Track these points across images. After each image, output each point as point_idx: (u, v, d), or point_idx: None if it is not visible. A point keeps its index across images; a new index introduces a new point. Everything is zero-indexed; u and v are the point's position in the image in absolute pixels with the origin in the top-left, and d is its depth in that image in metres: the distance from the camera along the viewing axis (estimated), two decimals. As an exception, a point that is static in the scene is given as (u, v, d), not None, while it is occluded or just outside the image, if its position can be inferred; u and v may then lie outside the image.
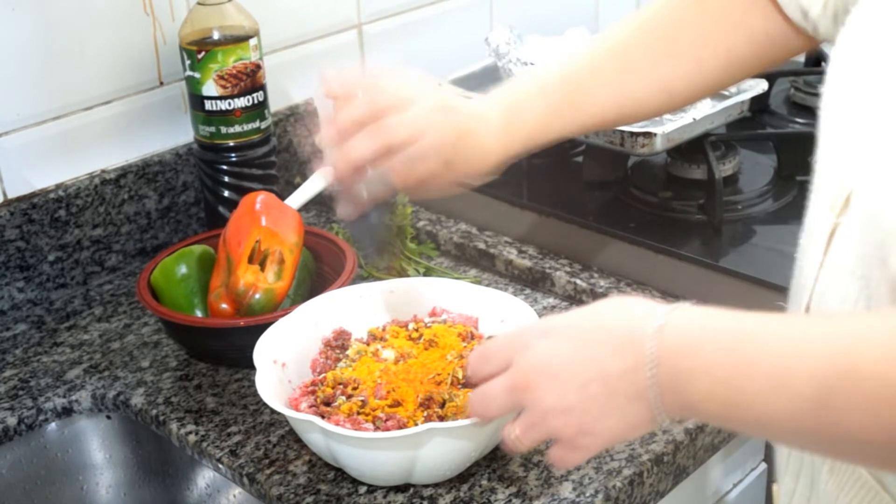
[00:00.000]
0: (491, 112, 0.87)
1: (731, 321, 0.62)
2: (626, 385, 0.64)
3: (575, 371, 0.65)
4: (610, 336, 0.65)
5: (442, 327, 0.93)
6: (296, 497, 0.85)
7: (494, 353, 0.70)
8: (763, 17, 0.86)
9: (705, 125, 1.16)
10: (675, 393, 0.62)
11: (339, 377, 0.88)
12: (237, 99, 1.15)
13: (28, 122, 1.13)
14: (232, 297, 1.00)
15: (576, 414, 0.65)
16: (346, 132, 0.83)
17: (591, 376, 0.64)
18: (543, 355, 0.67)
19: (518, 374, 0.67)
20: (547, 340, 0.67)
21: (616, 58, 0.90)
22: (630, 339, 0.63)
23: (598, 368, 0.64)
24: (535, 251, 1.17)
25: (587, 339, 0.66)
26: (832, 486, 0.68)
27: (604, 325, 0.66)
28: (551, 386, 0.66)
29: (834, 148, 0.68)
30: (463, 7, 1.51)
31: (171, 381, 1.01)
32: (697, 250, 1.10)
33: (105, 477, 1.04)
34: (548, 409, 0.66)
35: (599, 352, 0.65)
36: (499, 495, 0.84)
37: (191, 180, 1.25)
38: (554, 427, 0.67)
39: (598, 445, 0.67)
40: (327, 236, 1.11)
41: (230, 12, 1.14)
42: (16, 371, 1.05)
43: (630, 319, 0.65)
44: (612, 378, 0.64)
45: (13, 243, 1.12)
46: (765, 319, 0.60)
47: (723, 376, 0.60)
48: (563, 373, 0.65)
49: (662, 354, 0.62)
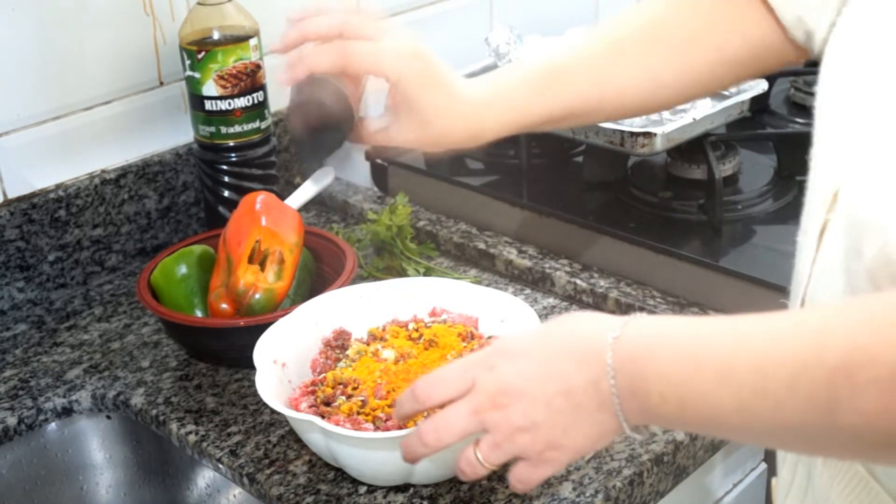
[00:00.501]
0: (475, 83, 0.87)
1: (683, 326, 0.63)
2: (590, 397, 0.65)
3: (540, 388, 0.66)
4: (571, 352, 0.66)
5: (442, 327, 0.93)
6: (296, 497, 0.85)
7: (452, 377, 0.70)
8: (761, 27, 0.85)
9: (705, 125, 1.16)
10: (634, 398, 0.63)
11: (339, 377, 0.88)
12: (237, 99, 1.15)
13: (28, 122, 1.13)
14: (232, 297, 1.00)
15: (543, 430, 0.66)
16: (306, 39, 0.84)
17: (556, 392, 0.65)
18: (508, 375, 0.67)
19: (483, 395, 0.67)
20: (509, 361, 0.67)
21: (604, 45, 0.89)
22: (590, 351, 0.65)
23: (562, 383, 0.65)
24: (535, 251, 1.17)
25: (550, 357, 0.66)
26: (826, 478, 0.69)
27: (564, 340, 0.67)
28: (517, 405, 0.66)
29: (826, 146, 0.69)
30: (463, 7, 1.51)
31: (171, 381, 1.01)
32: (697, 250, 1.10)
33: (105, 477, 1.04)
34: (515, 428, 0.66)
35: (562, 367, 0.65)
36: (499, 495, 0.84)
37: (191, 180, 1.25)
38: (521, 445, 0.67)
39: (565, 459, 0.68)
40: (327, 236, 1.11)
41: (230, 12, 1.14)
42: (16, 371, 1.05)
43: (589, 332, 0.66)
44: (576, 391, 0.65)
45: (13, 243, 1.12)
46: (715, 321, 0.62)
47: (675, 378, 0.61)
48: (528, 391, 0.66)
49: (621, 363, 0.63)
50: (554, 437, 0.66)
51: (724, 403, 0.59)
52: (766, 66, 0.89)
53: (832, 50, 0.71)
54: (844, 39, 0.70)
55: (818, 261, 0.67)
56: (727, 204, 1.14)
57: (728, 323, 0.61)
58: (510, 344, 0.69)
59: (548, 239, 1.18)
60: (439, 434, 0.69)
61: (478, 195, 1.25)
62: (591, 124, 1.14)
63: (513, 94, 0.87)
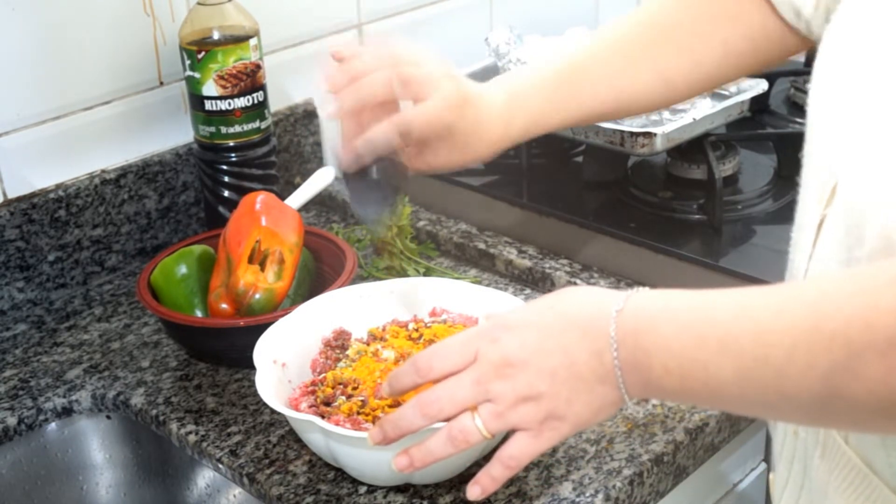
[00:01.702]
0: (494, 93, 0.88)
1: (684, 299, 0.64)
2: (592, 368, 0.65)
3: (544, 359, 0.66)
4: (574, 324, 0.67)
5: (442, 327, 0.93)
6: (296, 497, 0.85)
7: (455, 349, 0.70)
8: (760, 14, 0.87)
9: (705, 125, 1.16)
10: (637, 371, 0.64)
11: (339, 377, 0.88)
12: (237, 99, 1.15)
13: (28, 122, 1.13)
14: (232, 297, 1.00)
15: (546, 400, 0.67)
16: (357, 75, 0.83)
17: (559, 363, 0.66)
18: (511, 346, 0.68)
19: (486, 366, 0.68)
20: (512, 333, 0.68)
21: (615, 50, 0.91)
22: (593, 324, 0.66)
23: (565, 355, 0.66)
24: (535, 251, 1.17)
25: (553, 328, 0.67)
26: (823, 471, 0.69)
27: (567, 313, 0.68)
28: (521, 375, 0.67)
29: (820, 142, 0.69)
30: (463, 7, 1.51)
31: (171, 381, 1.01)
32: (697, 250, 1.10)
33: (105, 477, 1.04)
34: (519, 398, 0.67)
35: (566, 339, 0.66)
36: (499, 495, 0.84)
37: (191, 180, 1.25)
38: (523, 415, 0.68)
39: (566, 431, 0.68)
40: (327, 236, 1.11)
41: (230, 12, 1.14)
42: (16, 371, 1.05)
43: (592, 306, 0.67)
44: (579, 363, 0.66)
45: (13, 243, 1.12)
46: (716, 293, 0.63)
47: (677, 349, 0.62)
48: (532, 362, 0.67)
49: (623, 335, 0.64)
50: (556, 407, 0.67)
51: (726, 373, 0.60)
52: (769, 57, 0.90)
53: (825, 47, 0.71)
54: (838, 37, 0.70)
55: (815, 256, 0.68)
56: (727, 204, 1.14)
57: (729, 295, 0.62)
58: (512, 317, 0.70)
59: (548, 239, 1.18)
60: (441, 404, 0.69)
61: (478, 195, 1.25)
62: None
63: (532, 108, 0.89)
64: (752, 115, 1.23)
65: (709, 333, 0.61)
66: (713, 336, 0.61)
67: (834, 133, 0.67)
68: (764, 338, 0.58)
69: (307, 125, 1.36)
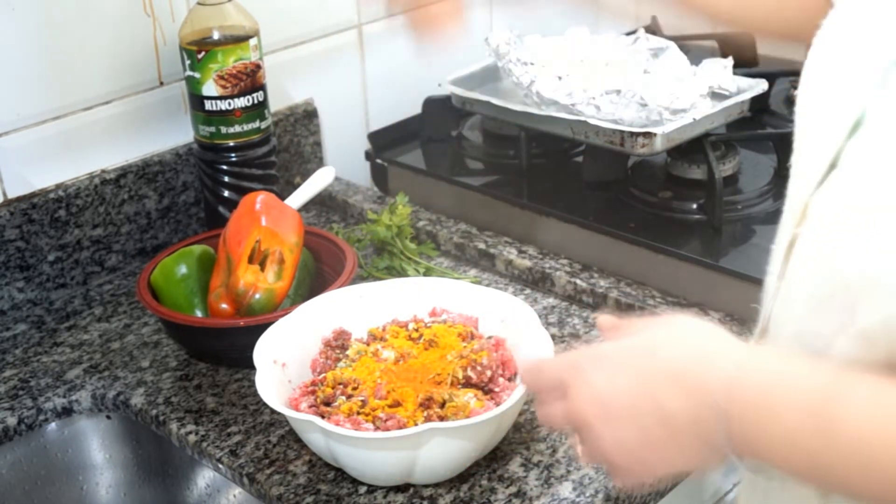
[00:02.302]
0: None
1: (805, 381, 0.58)
2: (691, 429, 0.61)
3: (634, 410, 0.62)
4: (672, 375, 0.61)
5: (442, 327, 0.93)
6: (296, 497, 0.85)
7: (546, 373, 0.69)
8: None
9: (705, 125, 1.16)
10: (748, 445, 0.59)
11: (339, 377, 0.88)
12: (237, 99, 1.15)
13: (28, 122, 1.13)
14: (232, 297, 1.00)
15: (636, 453, 0.63)
16: None
17: (652, 418, 0.61)
18: (598, 390, 0.64)
19: (574, 409, 0.65)
20: (602, 372, 0.64)
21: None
22: (697, 383, 0.60)
23: (658, 409, 0.61)
24: (535, 251, 1.17)
25: (646, 374, 0.62)
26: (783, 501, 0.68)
27: (665, 359, 0.62)
28: (609, 426, 0.63)
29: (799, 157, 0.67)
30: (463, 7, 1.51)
31: (171, 381, 1.01)
32: (697, 250, 1.10)
33: (105, 477, 1.04)
34: (606, 449, 0.64)
35: (660, 390, 0.61)
36: (499, 495, 0.84)
37: (191, 180, 1.25)
38: (610, 460, 0.65)
39: (659, 475, 0.65)
40: (327, 236, 1.11)
41: (230, 12, 1.14)
42: (16, 371, 1.05)
43: (696, 360, 0.61)
44: (675, 421, 0.61)
45: (13, 243, 1.12)
46: (839, 384, 0.57)
47: (802, 444, 0.57)
48: (620, 411, 0.63)
49: (734, 412, 0.59)
50: (644, 458, 0.63)
51: (845, 472, 0.56)
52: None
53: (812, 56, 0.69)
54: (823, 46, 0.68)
55: (787, 276, 0.65)
56: (727, 204, 1.14)
57: (861, 388, 0.57)
58: (608, 350, 0.66)
59: (548, 239, 1.18)
60: (544, 420, 0.69)
61: (478, 195, 1.25)
62: None
63: None
64: (752, 115, 1.23)
65: (837, 434, 0.55)
66: (843, 440, 0.55)
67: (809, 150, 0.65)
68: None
69: (307, 125, 1.36)
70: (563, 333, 1.05)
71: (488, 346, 0.90)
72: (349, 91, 1.42)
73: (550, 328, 1.05)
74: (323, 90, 1.38)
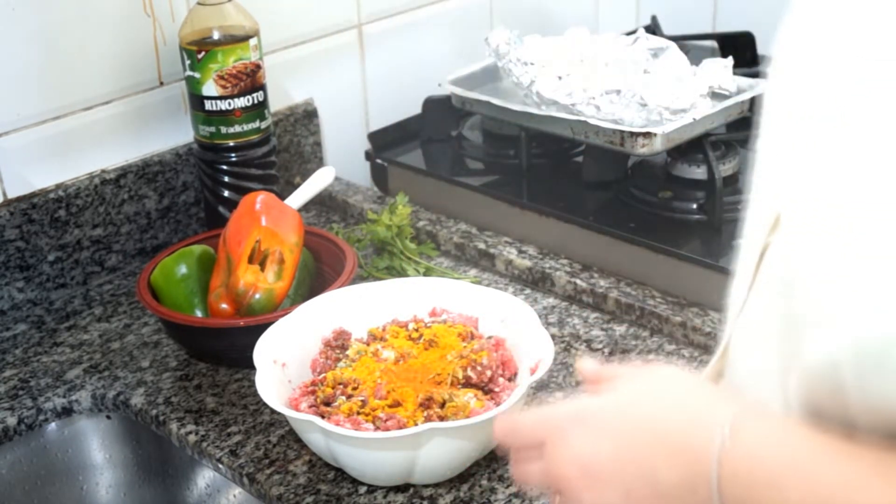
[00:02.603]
0: None
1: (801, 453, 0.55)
2: (681, 495, 0.58)
3: (618, 474, 0.60)
4: (661, 439, 0.59)
5: (442, 327, 0.93)
6: (296, 497, 0.85)
7: (523, 431, 0.66)
8: None
9: (705, 125, 1.16)
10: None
11: (339, 377, 0.88)
12: (237, 99, 1.15)
13: (28, 122, 1.13)
14: (232, 297, 1.00)
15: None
16: None
17: (637, 482, 0.59)
18: (580, 453, 0.61)
19: (553, 471, 0.63)
20: (584, 433, 0.62)
21: None
22: (686, 448, 0.58)
23: (644, 474, 0.59)
24: (535, 251, 1.17)
25: (632, 437, 0.60)
26: None
27: (652, 420, 0.60)
28: (592, 491, 0.61)
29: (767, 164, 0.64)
30: (463, 7, 1.51)
31: (171, 381, 1.01)
32: (697, 250, 1.10)
33: (105, 477, 1.04)
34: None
35: (647, 455, 0.59)
36: (499, 495, 0.84)
37: (191, 180, 1.25)
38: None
39: None
40: (327, 236, 1.11)
41: (230, 12, 1.14)
42: (16, 371, 1.05)
43: (686, 424, 0.59)
44: (664, 486, 0.58)
45: (13, 243, 1.12)
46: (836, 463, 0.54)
47: None
48: (603, 475, 0.60)
49: (727, 480, 0.56)
50: None
51: None
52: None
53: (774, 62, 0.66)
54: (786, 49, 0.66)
55: (756, 288, 0.62)
56: (727, 204, 1.14)
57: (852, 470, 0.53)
58: (590, 407, 0.63)
59: (548, 239, 1.18)
60: (521, 479, 0.66)
61: (478, 195, 1.25)
62: None
63: None
64: (753, 115, 1.23)
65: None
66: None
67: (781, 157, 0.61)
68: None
69: (307, 125, 1.36)
70: (563, 333, 1.05)
71: (488, 346, 0.90)
72: (349, 91, 1.42)
73: (550, 328, 1.05)
74: (323, 90, 1.38)
